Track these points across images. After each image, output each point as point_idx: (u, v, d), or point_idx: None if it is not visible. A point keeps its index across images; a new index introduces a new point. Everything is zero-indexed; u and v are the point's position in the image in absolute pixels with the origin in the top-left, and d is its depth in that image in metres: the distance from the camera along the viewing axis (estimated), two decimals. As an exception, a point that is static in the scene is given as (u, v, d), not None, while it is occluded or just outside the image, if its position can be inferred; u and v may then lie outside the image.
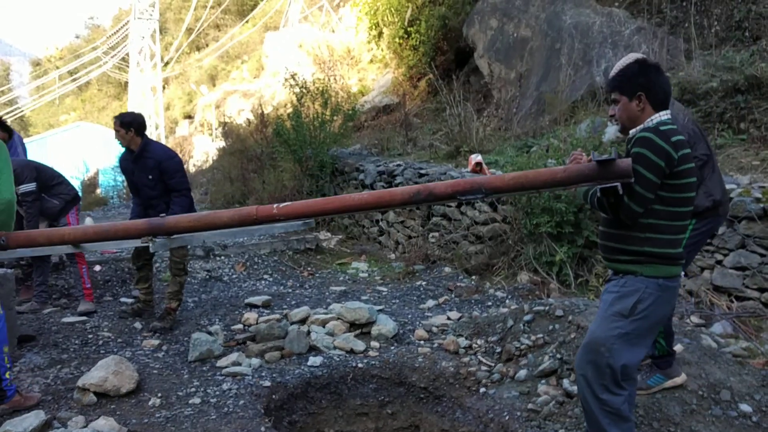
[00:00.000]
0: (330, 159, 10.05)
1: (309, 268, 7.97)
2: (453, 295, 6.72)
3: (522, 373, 4.47)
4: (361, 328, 5.47)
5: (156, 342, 5.19)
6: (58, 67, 57.15)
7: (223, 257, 7.84)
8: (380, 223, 9.28)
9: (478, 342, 5.13)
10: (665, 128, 2.80)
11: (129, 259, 7.28)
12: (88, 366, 4.44)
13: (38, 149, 30.65)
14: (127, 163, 5.68)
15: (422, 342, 5.33)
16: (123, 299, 6.38)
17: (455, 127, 9.83)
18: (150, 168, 5.47)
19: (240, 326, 5.62)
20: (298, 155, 9.52)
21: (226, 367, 4.69)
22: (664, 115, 2.89)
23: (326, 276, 7.71)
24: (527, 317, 5.05)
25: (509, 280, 6.86)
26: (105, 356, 4.83)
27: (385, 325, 5.45)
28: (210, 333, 5.31)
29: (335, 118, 10.37)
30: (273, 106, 17.74)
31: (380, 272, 7.88)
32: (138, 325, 5.58)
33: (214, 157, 16.07)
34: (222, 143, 13.94)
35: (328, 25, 28.22)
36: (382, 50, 14.84)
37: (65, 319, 5.62)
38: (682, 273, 3.08)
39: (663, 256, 2.86)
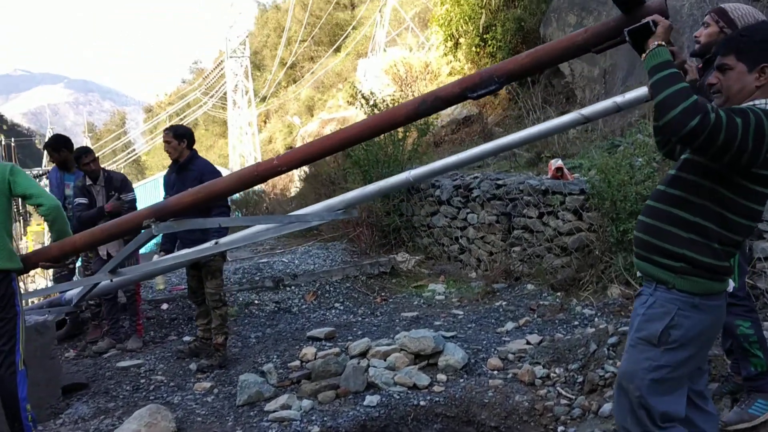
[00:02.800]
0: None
1: (383, 294, 7.53)
2: (535, 316, 6.08)
3: (607, 407, 3.83)
4: (427, 359, 4.96)
5: (208, 385, 4.89)
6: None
7: (293, 287, 7.53)
8: (460, 240, 8.73)
9: (557, 371, 4.51)
10: None
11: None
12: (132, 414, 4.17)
13: (153, 190, 32.20)
14: (170, 176, 5.60)
15: (495, 372, 4.76)
16: (186, 338, 6.16)
17: (535, 132, 9.15)
18: (191, 179, 5.30)
19: (297, 362, 5.23)
20: (369, 175, 9.15)
21: (274, 411, 4.30)
22: None
23: (400, 301, 7.23)
24: (612, 340, 4.39)
25: (598, 295, 6.13)
26: (154, 402, 4.59)
27: (453, 354, 4.91)
28: (263, 372, 4.95)
29: (407, 134, 9.94)
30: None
31: (458, 293, 7.32)
32: (193, 366, 5.31)
33: (299, 185, 16.12)
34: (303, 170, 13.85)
35: (416, 45, 28.01)
36: (459, 61, 14.35)
37: (120, 364, 5.44)
38: (731, 287, 2.39)
39: (704, 267, 2.23)
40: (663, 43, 2.18)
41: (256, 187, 16.67)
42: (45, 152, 6.66)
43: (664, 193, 2.36)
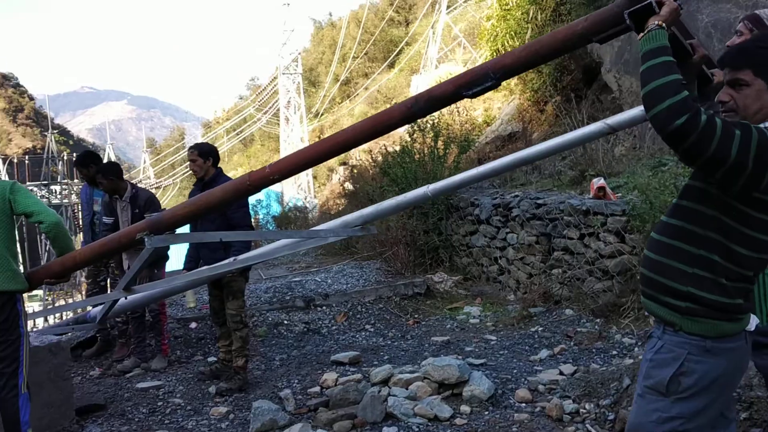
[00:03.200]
0: (444, 194, 9.37)
1: (416, 316, 7.30)
2: (572, 343, 5.78)
3: (637, 449, 3.51)
4: (451, 388, 4.71)
5: (224, 410, 4.75)
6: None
7: (324, 307, 7.38)
8: (499, 261, 8.45)
9: (587, 406, 4.21)
10: None
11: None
12: (144, 440, 4.08)
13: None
14: (194, 195, 5.51)
15: (523, 405, 4.49)
16: (211, 358, 6.06)
17: (579, 150, 8.82)
18: None
19: (317, 388, 5.05)
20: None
21: (286, 441, 4.13)
22: None
23: (432, 324, 6.99)
24: (647, 375, 4.06)
25: (639, 323, 5.78)
26: (168, 427, 4.49)
27: (479, 385, 4.65)
28: (280, 398, 4.79)
29: (448, 151, 9.73)
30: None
31: (493, 317, 7.04)
32: (213, 389, 5.19)
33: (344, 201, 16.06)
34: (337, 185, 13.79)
35: (468, 61, 27.78)
36: (506, 76, 14.05)
37: (140, 384, 5.36)
38: (753, 325, 2.08)
39: (713, 306, 1.96)
40: (663, 24, 1.93)
41: (299, 203, 16.73)
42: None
43: (667, 224, 2.11)
